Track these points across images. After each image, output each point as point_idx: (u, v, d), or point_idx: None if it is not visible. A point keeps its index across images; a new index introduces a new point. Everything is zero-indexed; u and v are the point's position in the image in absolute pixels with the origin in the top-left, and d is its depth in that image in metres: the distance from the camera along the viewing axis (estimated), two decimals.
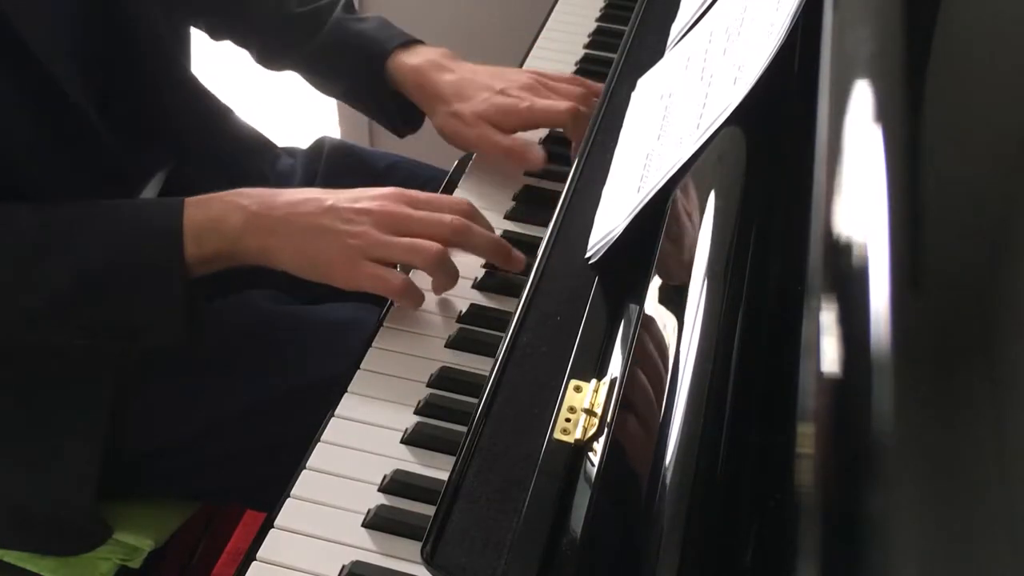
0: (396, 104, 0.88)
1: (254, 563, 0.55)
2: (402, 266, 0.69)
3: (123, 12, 0.73)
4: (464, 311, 0.70)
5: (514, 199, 0.81)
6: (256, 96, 1.52)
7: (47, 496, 0.73)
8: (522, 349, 0.58)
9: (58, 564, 0.78)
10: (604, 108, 0.76)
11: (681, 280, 0.49)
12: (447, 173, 0.85)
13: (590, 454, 0.49)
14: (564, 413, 0.52)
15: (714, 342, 0.44)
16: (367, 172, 0.96)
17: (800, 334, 0.39)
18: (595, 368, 0.54)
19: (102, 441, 0.72)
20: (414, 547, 0.53)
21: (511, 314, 0.60)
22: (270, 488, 0.60)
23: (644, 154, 0.62)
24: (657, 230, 0.54)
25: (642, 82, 0.73)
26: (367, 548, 0.56)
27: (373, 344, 0.68)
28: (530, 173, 0.83)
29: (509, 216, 0.79)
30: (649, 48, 0.80)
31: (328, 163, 0.96)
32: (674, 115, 0.62)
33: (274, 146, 0.98)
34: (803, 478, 0.35)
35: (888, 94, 0.45)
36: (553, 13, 1.04)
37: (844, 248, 0.39)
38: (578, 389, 0.53)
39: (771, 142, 0.53)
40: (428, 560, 0.49)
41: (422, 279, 0.70)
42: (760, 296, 0.46)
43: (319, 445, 0.62)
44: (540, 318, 0.60)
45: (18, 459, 0.73)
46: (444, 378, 0.65)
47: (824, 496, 0.33)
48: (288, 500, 0.59)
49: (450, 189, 0.82)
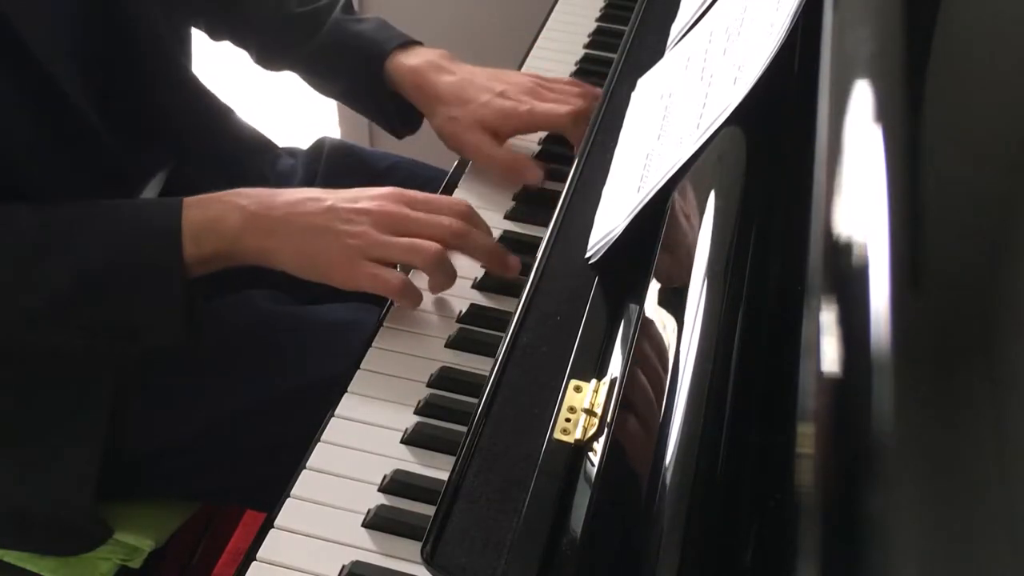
0: (394, 105, 0.88)
1: (254, 563, 0.55)
2: (401, 266, 0.69)
3: (123, 12, 0.73)
4: (464, 311, 0.70)
5: (514, 199, 0.81)
6: (256, 96, 1.52)
7: (47, 496, 0.72)
8: (522, 349, 0.58)
9: (58, 564, 0.78)
10: (604, 108, 0.76)
11: (681, 280, 0.49)
12: (447, 173, 0.85)
13: (590, 454, 0.49)
14: (564, 413, 0.52)
15: (714, 342, 0.44)
16: (367, 172, 0.96)
17: (800, 334, 0.39)
18: (595, 368, 0.54)
19: (102, 441, 0.72)
20: (414, 547, 0.53)
21: (511, 314, 0.61)
22: (270, 488, 0.60)
23: (644, 154, 0.62)
24: (657, 230, 0.54)
25: (642, 82, 0.73)
26: (367, 548, 0.56)
27: (373, 344, 0.68)
28: None
29: (509, 216, 0.79)
30: (649, 48, 0.80)
31: (328, 163, 0.96)
32: (674, 115, 0.62)
33: (274, 146, 0.98)
34: (803, 478, 0.35)
35: (888, 94, 0.45)
36: (553, 13, 1.04)
37: (844, 248, 0.39)
38: (578, 389, 0.53)
39: (771, 142, 0.53)
40: (428, 560, 0.49)
41: (421, 279, 0.70)
42: (760, 296, 0.46)
43: (319, 445, 0.62)
44: (540, 318, 0.60)
45: (18, 459, 0.73)
46: (444, 378, 0.65)
47: (824, 496, 0.33)
48: (288, 500, 0.59)
49: (450, 189, 0.82)
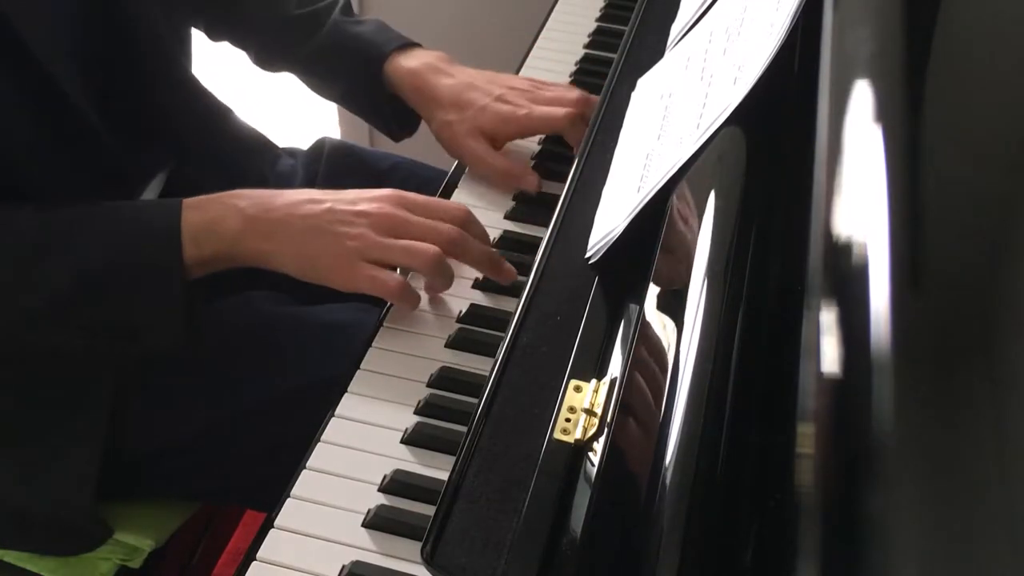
0: (393, 107, 0.88)
1: (254, 563, 0.55)
2: (399, 268, 0.69)
3: (123, 12, 0.73)
4: (464, 311, 0.70)
5: (514, 199, 0.81)
6: (257, 97, 1.52)
7: (47, 496, 0.72)
8: (522, 349, 0.58)
9: (58, 564, 0.78)
10: (604, 108, 0.76)
11: (681, 280, 0.49)
12: (447, 173, 0.85)
13: (590, 454, 0.49)
14: (564, 413, 0.52)
15: (714, 342, 0.44)
16: (367, 172, 0.96)
17: (800, 334, 0.39)
18: (595, 368, 0.54)
19: (102, 441, 0.72)
20: (414, 547, 0.53)
21: (511, 314, 0.61)
22: (270, 488, 0.60)
23: (644, 154, 0.62)
24: (657, 230, 0.54)
25: (642, 82, 0.73)
26: (367, 548, 0.56)
27: (373, 344, 0.68)
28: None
29: (509, 216, 0.79)
30: (649, 48, 0.80)
31: (328, 163, 0.96)
32: (674, 115, 0.62)
33: (275, 146, 0.98)
34: (803, 478, 0.35)
35: (888, 94, 0.45)
36: (553, 13, 1.04)
37: (844, 248, 0.39)
38: (578, 389, 0.53)
39: (771, 142, 0.53)
40: (428, 560, 0.49)
41: (419, 280, 0.70)
42: (760, 296, 0.46)
43: (319, 445, 0.61)
44: (540, 318, 0.60)
45: (18, 459, 0.73)
46: (444, 378, 0.65)
47: (824, 496, 0.33)
48: (288, 500, 0.59)
49: (450, 189, 0.82)
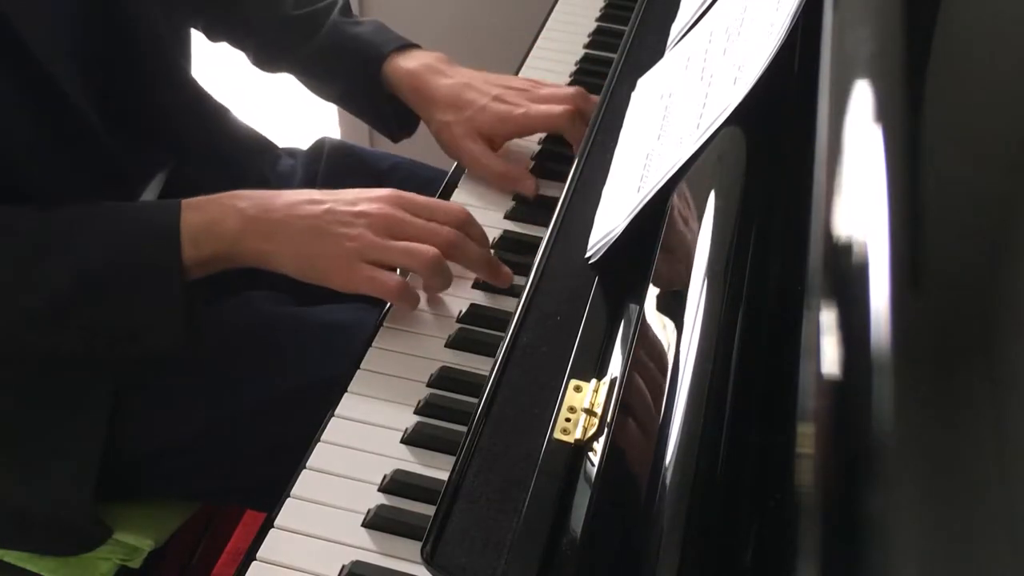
0: (392, 108, 0.88)
1: (254, 563, 0.55)
2: (399, 268, 0.69)
3: (123, 12, 0.73)
4: (464, 311, 0.70)
5: (514, 199, 0.81)
6: (257, 97, 1.52)
7: (47, 496, 0.72)
8: (522, 349, 0.58)
9: (58, 564, 0.78)
10: (604, 108, 0.76)
11: (681, 280, 0.49)
12: (447, 173, 0.85)
13: (590, 454, 0.49)
14: (564, 413, 0.52)
15: (714, 342, 0.44)
16: (367, 172, 0.96)
17: (800, 334, 0.39)
18: (595, 368, 0.54)
19: (102, 441, 0.72)
20: (414, 547, 0.53)
21: (511, 314, 0.61)
22: (270, 488, 0.60)
23: (644, 154, 0.62)
24: (657, 230, 0.54)
25: (642, 82, 0.73)
26: (367, 548, 0.56)
27: (373, 344, 0.68)
28: (530, 172, 0.83)
29: (509, 216, 0.79)
30: (649, 48, 0.80)
31: (328, 164, 0.96)
32: (674, 115, 0.62)
33: (275, 147, 0.98)
34: (803, 478, 0.35)
35: (888, 94, 0.45)
36: (553, 13, 1.04)
37: (844, 248, 0.39)
38: (578, 389, 0.53)
39: (771, 142, 0.53)
40: (428, 560, 0.49)
41: (418, 280, 0.70)
42: (760, 296, 0.46)
43: (319, 445, 0.61)
44: (540, 318, 0.60)
45: (18, 459, 0.73)
46: (444, 378, 0.65)
47: (824, 496, 0.33)
48: (288, 500, 0.59)
49: (450, 189, 0.82)
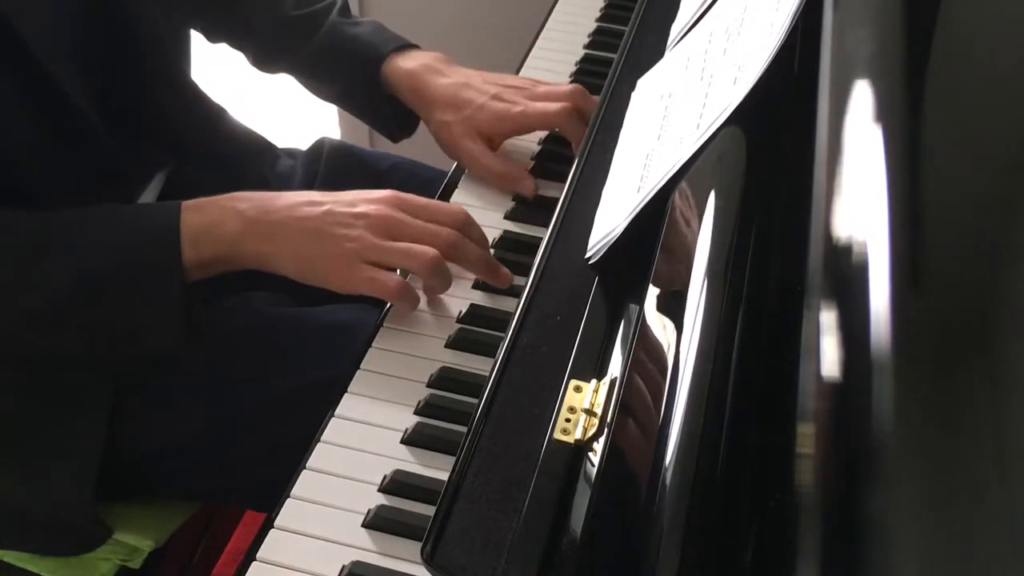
0: (391, 108, 0.88)
1: (254, 563, 0.55)
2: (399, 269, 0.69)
3: (123, 12, 0.73)
4: (464, 311, 0.70)
5: (514, 199, 0.81)
6: (256, 97, 1.52)
7: (47, 496, 0.72)
8: (522, 349, 0.58)
9: (58, 564, 0.78)
10: (604, 108, 0.76)
11: (681, 280, 0.49)
12: (447, 174, 0.85)
13: (590, 454, 0.49)
14: (564, 413, 0.52)
15: (714, 342, 0.44)
16: (367, 173, 0.96)
17: (800, 334, 0.39)
18: (595, 368, 0.54)
19: (102, 441, 0.72)
20: (414, 547, 0.53)
21: (511, 314, 0.61)
22: (270, 488, 0.60)
23: (644, 154, 0.62)
24: (657, 230, 0.54)
25: (642, 82, 0.73)
26: (367, 548, 0.56)
27: (373, 344, 0.68)
28: (530, 172, 0.83)
29: (509, 216, 0.79)
30: (649, 48, 0.80)
31: (328, 164, 0.96)
32: (674, 115, 0.62)
33: (274, 147, 0.98)
34: (803, 478, 0.35)
35: (888, 94, 0.45)
36: (553, 13, 1.04)
37: (844, 248, 0.39)
38: (578, 389, 0.53)
39: (771, 142, 0.53)
40: (428, 560, 0.49)
41: (418, 281, 0.70)
42: (760, 296, 0.46)
43: (319, 445, 0.61)
44: (540, 318, 0.60)
45: (18, 459, 0.73)
46: (444, 378, 0.65)
47: (824, 496, 0.33)
48: (288, 500, 0.59)
49: (450, 189, 0.82)
